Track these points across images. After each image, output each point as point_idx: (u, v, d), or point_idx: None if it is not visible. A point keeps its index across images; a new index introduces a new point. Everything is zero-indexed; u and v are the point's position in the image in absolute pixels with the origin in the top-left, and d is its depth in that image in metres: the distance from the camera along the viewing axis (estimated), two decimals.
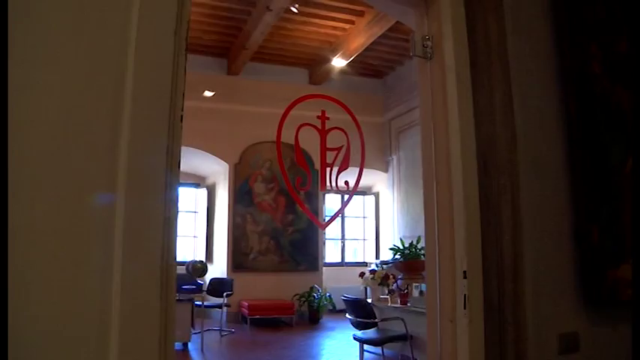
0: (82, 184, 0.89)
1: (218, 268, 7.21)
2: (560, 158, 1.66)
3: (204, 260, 6.78)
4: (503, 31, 1.59)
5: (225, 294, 6.13)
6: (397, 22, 5.94)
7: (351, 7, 5.96)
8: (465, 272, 1.44)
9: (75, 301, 0.85)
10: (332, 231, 8.52)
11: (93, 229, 0.88)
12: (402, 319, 3.93)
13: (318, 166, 2.43)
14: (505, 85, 1.57)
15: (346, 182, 2.59)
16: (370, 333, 4.10)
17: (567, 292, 1.59)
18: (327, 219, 7.46)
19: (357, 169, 2.53)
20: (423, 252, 5.15)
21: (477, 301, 1.43)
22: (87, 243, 0.87)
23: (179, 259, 1.06)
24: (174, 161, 1.01)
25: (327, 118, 2.45)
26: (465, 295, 1.42)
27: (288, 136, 2.43)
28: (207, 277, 6.81)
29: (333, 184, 2.47)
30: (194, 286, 5.78)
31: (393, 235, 7.58)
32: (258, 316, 6.50)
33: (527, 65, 1.65)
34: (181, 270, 5.97)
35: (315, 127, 2.44)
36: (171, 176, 0.99)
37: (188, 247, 7.77)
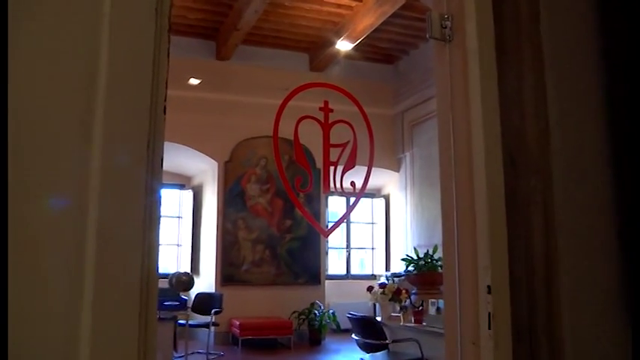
0: (45, 186, 0.88)
1: (205, 282, 7.21)
2: (602, 154, 1.64)
3: (189, 272, 6.78)
4: (536, 7, 1.59)
5: (213, 311, 6.13)
6: None
7: None
8: (489, 287, 1.43)
9: (35, 321, 0.84)
10: (336, 239, 8.52)
11: (58, 238, 0.87)
12: (417, 341, 3.93)
13: (320, 164, 2.42)
14: (537, 70, 1.56)
15: (352, 183, 2.59)
16: (380, 356, 4.10)
17: (612, 310, 1.57)
18: (330, 225, 7.47)
19: (365, 168, 2.53)
20: (440, 263, 5.14)
21: (503, 320, 1.43)
22: (51, 253, 0.87)
23: (161, 270, 1.06)
24: (155, 159, 1.01)
25: (331, 110, 2.45)
26: (489, 313, 1.42)
27: (286, 131, 2.43)
28: (193, 292, 6.81)
29: (338, 185, 2.46)
30: (177, 303, 5.78)
31: (406, 243, 7.57)
32: (251, 337, 6.50)
33: (564, 47, 1.64)
34: (163, 283, 5.97)
35: (316, 120, 2.44)
36: (152, 176, 0.99)
37: (171, 258, 7.78)
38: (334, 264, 8.44)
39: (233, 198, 7.10)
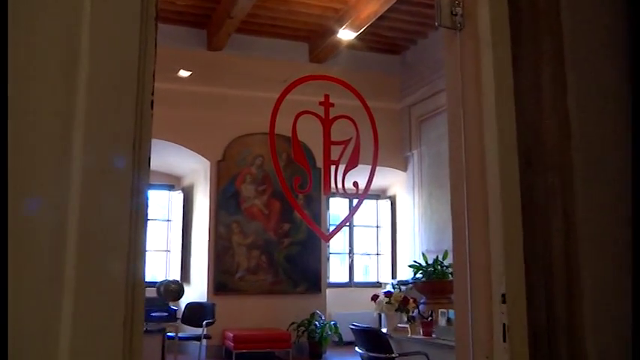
0: (19, 187, 0.88)
1: (196, 290, 7.21)
2: (625, 151, 1.64)
3: (179, 280, 6.78)
4: None
5: (204, 322, 6.13)
6: None
7: None
8: (503, 295, 1.43)
9: (11, 333, 0.83)
10: (338, 244, 8.52)
11: (34, 244, 0.87)
12: (426, 354, 3.93)
13: (320, 163, 2.42)
14: (556, 61, 1.56)
15: (355, 183, 2.59)
16: None
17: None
18: (331, 229, 7.46)
19: (369, 168, 2.53)
20: (450, 270, 5.14)
21: (520, 332, 1.42)
22: (26, 261, 0.86)
23: (148, 278, 1.06)
24: (142, 158, 1.01)
25: (332, 105, 2.45)
26: (504, 324, 1.41)
27: (283, 127, 2.43)
28: (183, 302, 6.81)
29: (339, 185, 2.46)
30: (166, 313, 5.78)
31: (414, 248, 7.56)
32: (245, 351, 6.50)
33: (587, 36, 1.63)
34: (151, 292, 5.97)
35: (316, 115, 2.44)
36: (138, 176, 0.99)
37: (159, 264, 7.78)
38: (336, 271, 8.44)
39: (226, 200, 7.10)
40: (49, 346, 0.86)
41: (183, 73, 7.01)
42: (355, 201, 2.68)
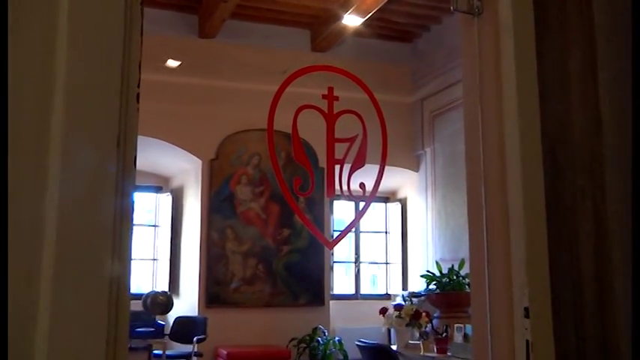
0: None
1: (186, 303, 7.21)
2: None
3: (167, 291, 6.78)
4: None
5: (195, 339, 6.14)
6: None
7: None
8: (526, 309, 1.43)
9: None
10: (342, 251, 8.52)
11: (6, 254, 0.87)
12: None
13: (323, 162, 2.42)
14: (587, 48, 1.55)
15: (362, 185, 2.59)
16: None
17: None
18: (335, 235, 7.45)
19: (377, 167, 2.53)
20: (467, 281, 5.13)
21: (545, 350, 1.42)
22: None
23: (133, 290, 1.06)
24: (127, 157, 1.01)
25: (336, 98, 2.44)
26: (527, 341, 1.41)
27: (283, 123, 2.42)
28: (171, 315, 6.82)
29: (344, 187, 2.46)
30: (152, 329, 5.79)
31: (427, 257, 7.56)
32: None
33: (621, 20, 1.62)
34: (136, 305, 5.98)
35: (319, 109, 2.43)
36: (123, 177, 0.99)
37: (145, 274, 7.79)
38: (341, 281, 8.43)
39: (220, 203, 7.11)
40: None
41: (172, 63, 7.02)
42: (362, 204, 2.68)
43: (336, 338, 7.21)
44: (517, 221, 1.47)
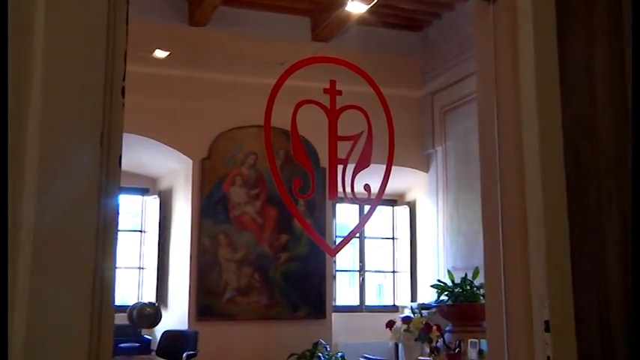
0: None
1: (175, 316, 7.22)
2: None
3: (155, 303, 6.78)
4: None
5: (185, 355, 6.13)
6: None
7: None
8: (547, 323, 1.42)
9: None
10: (346, 259, 8.52)
11: None
12: None
13: (325, 162, 2.42)
14: (613, 37, 1.55)
15: (367, 187, 2.59)
16: None
17: None
18: (338, 241, 7.45)
19: (383, 168, 2.53)
20: (482, 291, 5.13)
21: None
22: None
23: (117, 301, 1.06)
24: (111, 156, 1.01)
25: (339, 93, 2.44)
26: (548, 357, 1.41)
27: (281, 119, 2.43)
28: (159, 329, 6.82)
29: (348, 189, 2.46)
30: (138, 344, 5.79)
31: (437, 265, 7.55)
32: None
33: None
34: (120, 318, 5.98)
35: (320, 105, 2.43)
36: (107, 178, 0.99)
37: (131, 284, 7.79)
38: (344, 292, 8.43)
39: (212, 206, 7.11)
40: None
41: (160, 54, 7.03)
42: (367, 208, 2.68)
43: (339, 354, 7.19)
44: (536, 226, 1.47)
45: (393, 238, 8.61)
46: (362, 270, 8.45)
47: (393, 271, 8.55)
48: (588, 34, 1.57)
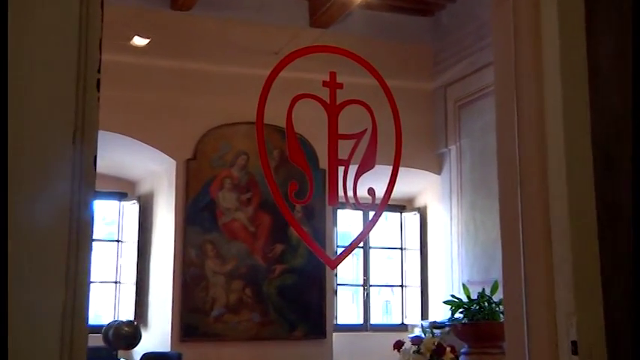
0: None
1: (156, 336, 7.21)
2: None
3: (133, 321, 6.77)
4: None
5: None
6: None
7: None
8: (574, 344, 1.42)
9: None
10: (348, 271, 8.51)
11: None
12: None
13: (324, 163, 2.43)
14: None
15: (371, 191, 2.59)
16: None
17: None
18: (339, 251, 7.44)
19: (389, 169, 2.53)
20: (502, 308, 5.13)
21: None
22: None
23: (92, 320, 1.06)
24: (85, 157, 1.01)
25: (340, 86, 2.44)
26: None
27: (275, 115, 2.43)
28: (138, 351, 6.81)
29: (350, 193, 2.46)
30: None
31: (451, 279, 7.55)
32: None
33: None
34: (95, 339, 5.97)
35: (319, 99, 2.44)
36: (80, 181, 0.99)
37: (107, 301, 7.78)
38: (346, 309, 8.43)
39: (198, 212, 7.11)
40: None
41: (140, 41, 7.03)
42: (371, 214, 2.68)
43: None
44: (562, 236, 1.47)
45: (401, 249, 8.61)
46: (366, 284, 8.44)
47: (402, 286, 8.55)
48: (620, 21, 1.57)
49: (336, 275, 7.94)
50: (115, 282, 7.84)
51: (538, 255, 1.51)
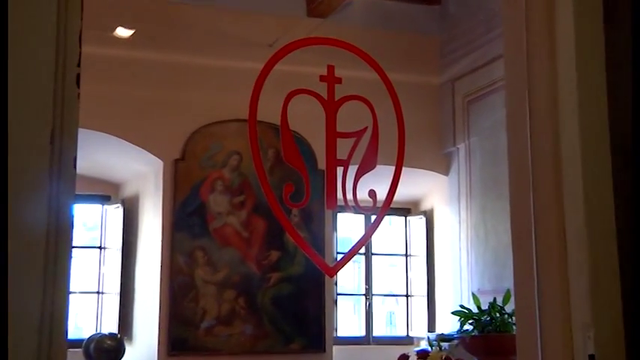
0: None
1: (142, 350, 7.21)
2: None
3: (117, 334, 6.76)
4: None
5: None
6: None
7: None
8: (591, 357, 1.43)
9: None
10: (349, 280, 8.51)
11: None
12: None
13: (323, 164, 2.43)
14: None
15: (372, 193, 2.59)
16: None
17: None
18: (338, 258, 7.44)
19: (392, 170, 2.53)
20: (514, 320, 5.14)
21: None
22: None
23: (72, 334, 1.06)
24: (64, 157, 1.01)
25: (339, 80, 2.44)
26: None
27: (269, 112, 2.43)
28: None
29: (350, 195, 2.46)
30: None
31: (460, 288, 7.55)
32: None
33: None
34: (75, 355, 5.96)
35: (316, 95, 2.44)
36: (59, 184, 0.99)
37: (89, 312, 7.78)
38: (347, 320, 8.43)
39: (187, 217, 7.11)
40: None
41: (123, 32, 7.03)
42: (373, 218, 2.68)
43: None
44: (578, 241, 1.48)
45: (406, 255, 8.61)
46: (368, 294, 8.44)
47: (407, 295, 8.55)
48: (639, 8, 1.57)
49: (336, 284, 7.94)
50: (97, 292, 7.84)
51: (552, 262, 1.52)
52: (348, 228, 8.28)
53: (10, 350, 0.92)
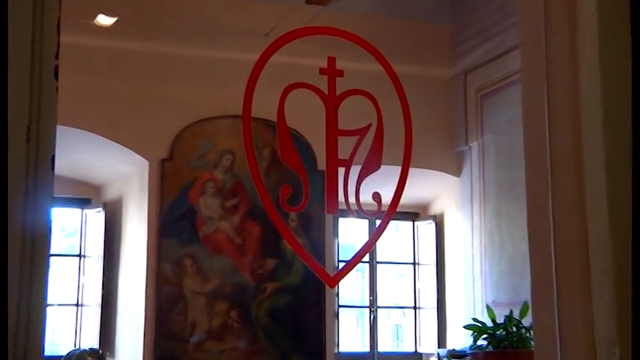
0: None
1: None
2: None
3: (98, 349, 6.76)
4: None
5: None
6: None
7: None
8: None
9: None
10: (351, 291, 8.52)
11: None
12: None
13: (323, 164, 2.43)
14: None
15: (377, 196, 2.59)
16: None
17: None
18: (340, 267, 7.45)
19: (398, 171, 2.54)
20: (532, 334, 5.14)
21: None
22: None
23: (49, 350, 1.07)
24: (41, 157, 1.01)
25: (340, 73, 2.45)
26: None
27: (265, 108, 2.43)
28: None
29: (352, 199, 2.47)
30: None
31: (473, 299, 7.55)
32: None
33: None
34: None
35: (316, 89, 2.44)
36: (35, 186, 0.99)
37: (68, 326, 7.78)
38: (349, 334, 8.43)
39: (175, 222, 7.11)
40: None
41: (105, 20, 7.04)
42: (378, 223, 2.69)
43: None
44: (602, 248, 1.48)
45: (414, 264, 8.61)
46: (373, 306, 8.45)
47: (415, 307, 8.55)
48: None
49: (337, 295, 7.95)
50: (77, 304, 7.84)
51: (573, 271, 1.52)
52: (350, 234, 8.29)
53: None
